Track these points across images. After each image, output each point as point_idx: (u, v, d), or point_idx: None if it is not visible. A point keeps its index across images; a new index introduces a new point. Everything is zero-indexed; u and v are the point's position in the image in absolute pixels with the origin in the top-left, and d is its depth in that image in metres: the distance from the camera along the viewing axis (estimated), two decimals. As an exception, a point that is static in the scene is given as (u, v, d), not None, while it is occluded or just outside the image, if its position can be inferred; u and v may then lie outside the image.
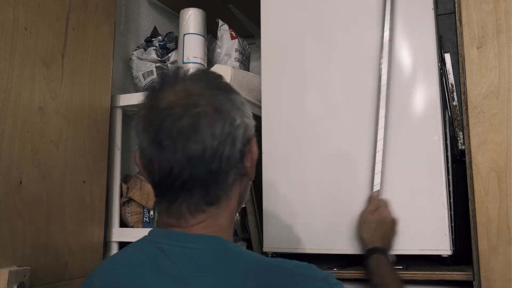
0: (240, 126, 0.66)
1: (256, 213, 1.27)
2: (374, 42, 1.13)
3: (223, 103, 0.65)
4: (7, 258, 1.00)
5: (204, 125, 0.63)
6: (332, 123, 1.14)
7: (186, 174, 0.63)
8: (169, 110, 0.63)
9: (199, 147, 0.62)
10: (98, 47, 1.33)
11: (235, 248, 0.66)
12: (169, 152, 0.63)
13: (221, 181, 0.65)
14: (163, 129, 0.63)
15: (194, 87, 0.66)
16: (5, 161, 1.01)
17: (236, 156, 0.66)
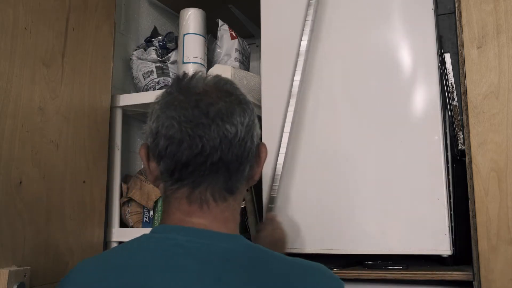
0: (257, 126, 0.71)
1: (256, 213, 1.27)
2: (374, 42, 1.13)
3: (248, 101, 0.71)
4: (7, 258, 1.00)
5: (238, 112, 0.67)
6: (332, 123, 1.14)
7: (217, 155, 0.64)
8: (205, 93, 0.66)
9: (232, 129, 0.65)
10: (98, 47, 1.33)
11: (258, 247, 0.67)
12: (205, 130, 0.64)
13: (241, 170, 0.68)
14: (201, 108, 0.65)
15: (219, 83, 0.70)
16: (5, 161, 1.01)
17: (253, 151, 0.69)
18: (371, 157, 1.09)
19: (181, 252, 0.62)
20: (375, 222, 1.07)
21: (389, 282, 1.04)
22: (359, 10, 1.16)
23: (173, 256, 0.62)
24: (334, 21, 1.18)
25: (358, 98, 1.13)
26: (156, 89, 1.46)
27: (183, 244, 0.63)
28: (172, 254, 0.62)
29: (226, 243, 0.64)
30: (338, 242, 1.10)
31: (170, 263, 0.62)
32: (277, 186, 1.13)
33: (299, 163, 1.16)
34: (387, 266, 1.06)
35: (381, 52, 1.12)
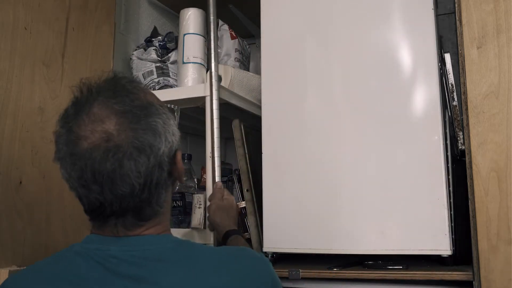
0: (165, 152, 0.66)
1: (256, 213, 1.27)
2: (374, 42, 1.13)
3: (144, 139, 0.63)
4: (7, 258, 1.00)
5: (128, 167, 0.62)
6: (332, 123, 1.14)
7: (116, 207, 0.64)
8: (90, 154, 0.62)
9: (126, 188, 0.63)
10: (98, 47, 1.33)
11: (187, 242, 0.70)
12: (97, 193, 0.63)
13: (154, 202, 0.67)
14: (87, 173, 0.62)
15: (112, 122, 0.63)
16: (5, 161, 1.01)
17: (164, 177, 0.67)
18: (371, 157, 1.09)
19: (116, 262, 0.64)
20: (375, 222, 1.07)
21: (389, 282, 1.04)
22: (359, 10, 1.16)
23: (109, 266, 0.64)
24: (334, 21, 1.18)
25: (358, 98, 1.13)
26: (156, 89, 1.46)
27: (116, 255, 0.65)
28: (108, 264, 0.64)
29: (155, 245, 0.67)
30: (338, 242, 1.10)
31: (108, 273, 0.64)
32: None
33: (299, 163, 1.16)
34: (387, 266, 1.06)
35: (381, 52, 1.12)
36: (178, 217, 1.33)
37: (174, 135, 0.69)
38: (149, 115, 0.65)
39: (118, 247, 0.66)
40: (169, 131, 0.67)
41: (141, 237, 0.68)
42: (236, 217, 1.14)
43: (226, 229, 1.07)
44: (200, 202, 1.22)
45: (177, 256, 0.67)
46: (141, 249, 0.66)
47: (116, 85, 0.68)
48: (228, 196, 1.15)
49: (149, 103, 0.67)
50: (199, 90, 1.27)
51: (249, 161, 1.31)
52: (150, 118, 0.65)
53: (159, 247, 0.67)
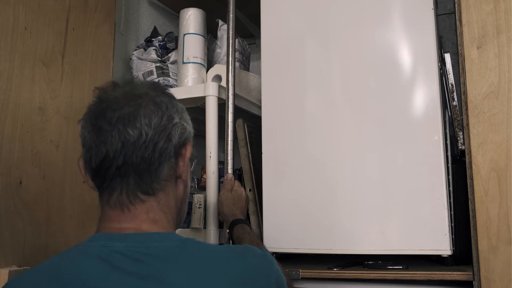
0: (177, 125, 0.72)
1: (258, 213, 1.27)
2: (374, 42, 1.13)
3: (164, 102, 0.72)
4: (7, 258, 1.00)
5: (143, 114, 0.68)
6: (332, 123, 1.14)
7: (120, 159, 0.67)
8: (114, 100, 0.70)
9: (134, 133, 0.67)
10: (98, 47, 1.33)
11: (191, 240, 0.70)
12: (107, 136, 0.67)
13: (153, 170, 0.69)
14: (106, 116, 0.68)
15: (140, 87, 0.73)
16: (5, 161, 1.01)
17: (170, 151, 0.71)
18: (371, 157, 1.09)
19: (120, 258, 0.65)
20: (375, 222, 1.07)
21: (389, 282, 1.04)
22: (359, 10, 1.16)
23: (114, 262, 0.65)
24: (334, 21, 1.18)
25: (358, 98, 1.13)
26: (156, 89, 1.46)
27: (121, 250, 0.66)
28: (112, 261, 0.65)
29: (160, 243, 0.67)
30: (338, 242, 1.10)
31: (113, 269, 0.64)
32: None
33: (299, 163, 1.16)
34: (387, 266, 1.06)
35: (381, 52, 1.12)
36: (178, 217, 1.33)
37: (189, 125, 0.76)
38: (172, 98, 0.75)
39: (124, 244, 0.66)
40: (185, 118, 0.75)
41: (147, 234, 0.68)
42: (245, 207, 1.17)
43: (233, 218, 1.10)
44: (200, 202, 1.22)
45: (182, 254, 0.67)
46: (146, 246, 0.66)
47: (155, 84, 0.78)
48: (237, 188, 1.18)
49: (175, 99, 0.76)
50: (199, 90, 1.27)
51: (252, 161, 1.31)
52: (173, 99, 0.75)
53: (164, 244, 0.67)
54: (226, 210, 1.13)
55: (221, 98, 1.25)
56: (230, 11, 1.29)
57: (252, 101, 1.42)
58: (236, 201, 1.15)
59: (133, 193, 0.69)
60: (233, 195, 1.16)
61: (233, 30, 1.29)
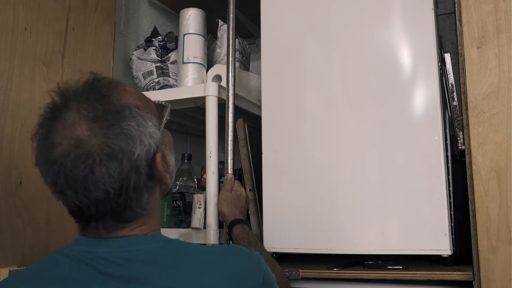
0: (141, 156, 0.65)
1: (258, 213, 1.27)
2: (374, 42, 1.13)
3: (115, 144, 0.63)
4: (7, 258, 1.00)
5: (99, 173, 0.62)
6: (332, 123, 1.14)
7: (93, 211, 0.65)
8: (62, 161, 0.63)
9: (100, 193, 0.63)
10: (98, 47, 1.33)
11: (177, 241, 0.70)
12: (73, 198, 0.64)
13: (134, 205, 0.67)
14: (61, 180, 0.64)
15: (83, 128, 0.63)
16: (5, 161, 1.01)
17: (144, 181, 0.67)
18: (371, 157, 1.09)
19: (103, 262, 0.65)
20: (375, 222, 1.07)
21: (389, 282, 1.04)
22: (359, 10, 1.16)
23: (97, 266, 0.65)
24: (334, 21, 1.18)
25: (358, 98, 1.13)
26: (156, 89, 1.46)
27: (104, 256, 0.65)
28: (96, 265, 0.65)
29: (143, 245, 0.67)
30: (338, 242, 1.10)
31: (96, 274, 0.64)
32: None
33: (299, 163, 1.16)
34: (387, 266, 1.06)
35: (381, 52, 1.12)
36: (178, 217, 1.33)
37: (152, 137, 0.67)
38: (121, 119, 0.65)
39: (107, 249, 0.66)
40: (145, 134, 0.66)
41: (129, 237, 0.68)
42: (245, 208, 1.18)
43: (232, 218, 1.10)
44: (200, 202, 1.22)
45: (166, 256, 0.67)
46: (129, 250, 0.66)
47: (91, 89, 0.67)
48: (237, 188, 1.18)
49: (123, 106, 0.66)
50: (199, 90, 1.27)
51: (252, 161, 1.31)
52: (123, 123, 0.64)
53: (147, 247, 0.67)
54: (226, 210, 1.13)
55: (221, 98, 1.25)
56: (230, 11, 1.29)
57: (252, 101, 1.42)
58: (236, 201, 1.15)
59: (111, 225, 0.67)
60: (233, 195, 1.16)
61: (233, 29, 1.29)
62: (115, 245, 0.67)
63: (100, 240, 0.68)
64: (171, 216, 1.33)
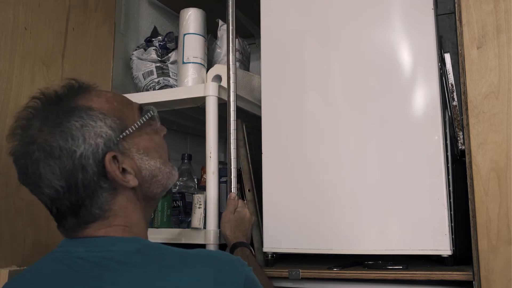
0: (85, 154, 0.67)
1: (258, 214, 1.27)
2: (374, 42, 1.13)
3: (54, 142, 0.67)
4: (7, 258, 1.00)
5: (44, 171, 0.67)
6: (332, 123, 1.14)
7: (54, 209, 0.70)
8: (20, 158, 0.70)
9: (51, 190, 0.67)
10: (98, 47, 1.33)
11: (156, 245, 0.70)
12: (35, 192, 0.70)
13: (88, 204, 0.69)
14: (22, 176, 0.70)
15: (36, 127, 0.69)
16: (5, 161, 1.01)
17: (93, 180, 0.68)
18: (371, 157, 1.09)
19: (81, 262, 0.67)
20: (375, 222, 1.07)
21: (389, 282, 1.04)
22: (359, 10, 1.16)
23: (75, 267, 0.66)
24: (334, 21, 1.18)
25: (358, 98, 1.13)
26: (156, 89, 1.46)
27: (82, 256, 0.67)
28: (74, 266, 0.67)
29: (120, 247, 0.68)
30: (337, 242, 1.10)
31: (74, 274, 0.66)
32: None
33: (299, 163, 1.16)
34: (387, 266, 1.06)
35: (381, 52, 1.12)
36: (178, 217, 1.33)
37: (101, 137, 0.69)
38: (66, 119, 0.68)
39: (84, 248, 0.68)
40: (90, 134, 0.68)
41: (106, 238, 0.69)
42: (248, 230, 1.14)
43: (233, 241, 1.09)
44: (200, 202, 1.22)
45: (141, 258, 0.67)
46: (105, 250, 0.67)
47: (55, 94, 0.73)
48: (241, 209, 1.15)
49: (73, 107, 0.70)
50: (199, 90, 1.26)
51: (251, 161, 1.31)
52: (67, 122, 0.68)
53: (123, 249, 0.68)
54: (228, 233, 1.11)
55: (221, 98, 1.25)
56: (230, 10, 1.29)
57: (252, 101, 1.42)
58: (239, 223, 1.12)
59: (77, 225, 0.70)
60: (236, 216, 1.13)
61: (233, 26, 1.29)
62: (94, 245, 0.68)
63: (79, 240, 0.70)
64: (171, 216, 1.33)
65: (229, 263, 0.71)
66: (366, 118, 1.11)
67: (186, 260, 0.68)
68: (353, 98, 1.13)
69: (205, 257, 0.71)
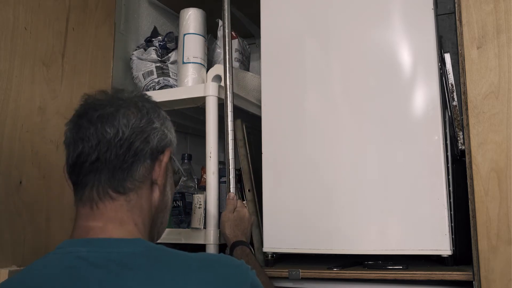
0: (157, 130, 0.74)
1: (258, 214, 1.27)
2: (374, 41, 1.13)
3: (146, 106, 0.74)
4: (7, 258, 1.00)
5: (122, 114, 0.71)
6: (332, 123, 1.14)
7: (94, 155, 0.69)
8: (97, 102, 0.73)
9: (111, 130, 0.69)
10: (98, 47, 1.33)
11: (160, 248, 0.69)
12: (85, 133, 0.70)
13: (126, 168, 0.70)
14: (87, 115, 0.71)
15: (127, 93, 0.76)
16: (5, 161, 1.01)
17: (146, 152, 0.72)
18: (371, 157, 1.09)
19: (82, 264, 0.65)
20: (375, 222, 1.07)
21: (389, 282, 1.04)
22: (359, 10, 1.16)
23: (76, 269, 0.65)
24: (334, 21, 1.18)
25: (358, 98, 1.13)
26: (156, 89, 1.46)
27: (83, 256, 0.66)
28: (75, 267, 0.65)
29: (124, 248, 0.67)
30: (337, 242, 1.10)
31: (74, 276, 0.64)
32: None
33: (299, 163, 1.16)
34: (387, 266, 1.06)
35: (381, 52, 1.12)
36: (178, 217, 1.33)
37: (171, 134, 0.77)
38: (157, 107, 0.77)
39: (86, 249, 0.66)
40: (167, 126, 0.77)
41: (111, 239, 0.68)
42: (248, 229, 1.15)
43: (233, 240, 1.09)
44: (200, 202, 1.22)
45: (145, 261, 0.66)
46: (109, 252, 0.66)
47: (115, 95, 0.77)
48: (240, 208, 1.16)
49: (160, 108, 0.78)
50: (199, 90, 1.27)
51: (251, 161, 1.31)
52: (157, 108, 0.77)
53: (127, 250, 0.66)
54: (228, 232, 1.11)
55: (221, 98, 1.25)
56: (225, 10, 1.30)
57: (252, 101, 1.42)
58: (238, 222, 1.13)
59: (104, 189, 0.70)
60: (235, 216, 1.14)
61: (228, 28, 1.29)
62: (96, 245, 0.67)
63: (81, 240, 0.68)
64: (171, 216, 1.33)
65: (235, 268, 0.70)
66: (366, 118, 1.11)
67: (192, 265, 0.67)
68: (353, 98, 1.13)
69: (211, 261, 0.70)
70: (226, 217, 1.13)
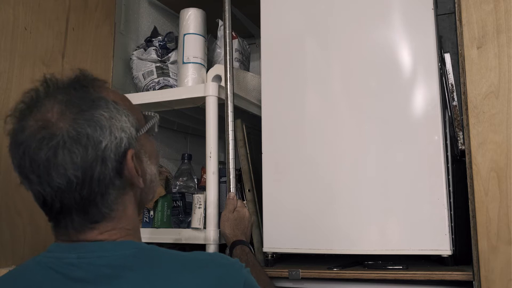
0: (109, 147, 0.64)
1: (258, 214, 1.27)
2: (374, 42, 1.13)
3: (82, 129, 0.62)
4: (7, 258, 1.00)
5: (62, 157, 0.61)
6: (332, 123, 1.14)
7: (57, 204, 0.64)
8: (28, 142, 0.63)
9: (62, 180, 0.62)
10: (98, 47, 1.33)
11: (152, 248, 0.68)
12: (37, 184, 0.63)
13: (99, 201, 0.65)
14: (26, 163, 0.63)
15: (54, 111, 0.63)
16: (5, 161, 1.01)
17: (110, 175, 0.64)
18: (371, 157, 1.09)
19: (72, 269, 0.64)
20: (375, 222, 1.07)
21: (389, 282, 1.04)
22: (359, 10, 1.16)
23: (66, 273, 0.64)
24: (334, 21, 1.18)
25: (358, 98, 1.13)
26: (156, 89, 1.46)
27: (73, 262, 0.64)
28: (65, 272, 0.64)
29: (113, 252, 0.65)
30: (338, 242, 1.10)
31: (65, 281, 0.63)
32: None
33: (299, 163, 1.16)
34: (387, 266, 1.06)
35: (381, 52, 1.12)
36: (178, 217, 1.33)
37: (125, 131, 0.66)
38: (94, 108, 0.65)
39: (75, 255, 0.65)
40: (116, 126, 0.65)
41: (98, 243, 0.66)
42: (248, 228, 1.15)
43: (233, 240, 1.09)
44: (200, 202, 1.22)
45: (137, 263, 0.65)
46: (97, 256, 0.64)
47: (73, 80, 0.68)
48: (240, 208, 1.16)
49: (99, 97, 0.66)
50: (199, 90, 1.27)
51: (251, 161, 1.31)
52: (95, 111, 0.64)
53: (117, 253, 0.65)
54: (228, 231, 1.11)
55: (221, 98, 1.25)
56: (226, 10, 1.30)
57: (252, 101, 1.42)
58: (238, 222, 1.13)
59: (80, 225, 0.66)
60: (235, 216, 1.14)
61: (229, 28, 1.29)
62: (84, 251, 0.65)
63: (70, 245, 0.66)
64: (171, 216, 1.33)
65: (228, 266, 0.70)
66: (366, 118, 1.11)
67: (186, 264, 0.67)
68: (353, 98, 1.13)
69: (204, 261, 0.70)
70: (226, 217, 1.13)
